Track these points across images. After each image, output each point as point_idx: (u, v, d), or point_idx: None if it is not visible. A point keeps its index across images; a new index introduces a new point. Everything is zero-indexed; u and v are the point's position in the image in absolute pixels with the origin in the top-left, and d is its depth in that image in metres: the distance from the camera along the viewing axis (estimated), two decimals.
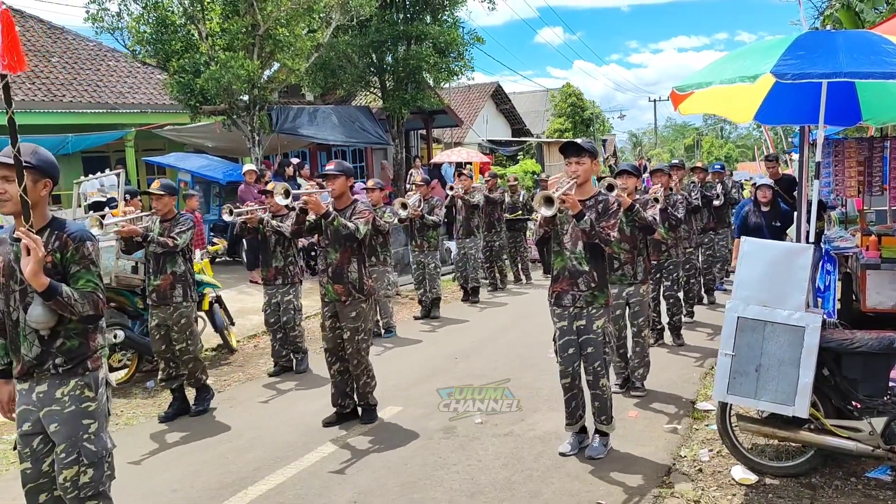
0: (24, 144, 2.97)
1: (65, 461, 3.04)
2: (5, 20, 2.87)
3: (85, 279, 3.04)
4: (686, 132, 73.25)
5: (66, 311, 2.97)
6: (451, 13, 18.70)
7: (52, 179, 3.11)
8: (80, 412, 3.09)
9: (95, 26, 13.07)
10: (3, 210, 3.03)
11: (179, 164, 14.81)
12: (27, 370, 3.09)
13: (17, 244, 2.99)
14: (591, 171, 4.73)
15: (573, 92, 34.39)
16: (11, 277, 3.08)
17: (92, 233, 3.21)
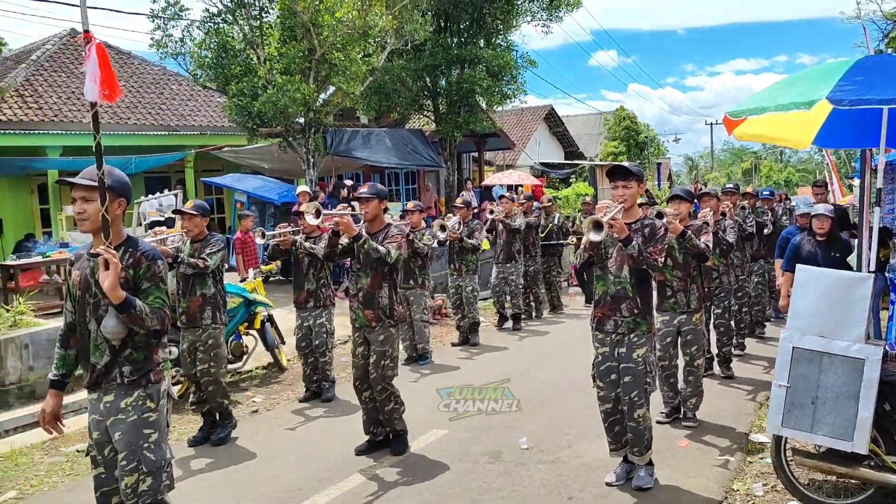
0: (113, 168, 3.17)
1: (126, 468, 3.18)
2: (100, 53, 3.03)
3: (154, 295, 3.20)
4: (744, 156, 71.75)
5: (136, 325, 3.12)
6: (504, 37, 18.86)
7: (125, 199, 3.29)
8: (142, 422, 3.23)
9: (160, 52, 13.62)
10: (81, 228, 3.24)
11: (236, 184, 15.17)
12: (96, 380, 3.24)
13: (93, 259, 3.17)
14: (637, 196, 4.67)
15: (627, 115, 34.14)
16: (87, 291, 3.24)
17: (161, 253, 3.34)
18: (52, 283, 11.45)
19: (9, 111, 14.50)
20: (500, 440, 5.78)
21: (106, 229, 3.11)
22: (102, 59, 3.04)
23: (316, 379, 7.22)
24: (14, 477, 5.36)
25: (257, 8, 13.47)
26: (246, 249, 10.36)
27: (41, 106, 15.14)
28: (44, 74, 16.25)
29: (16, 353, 7.18)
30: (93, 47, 3.02)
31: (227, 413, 6.05)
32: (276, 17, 13.38)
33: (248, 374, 8.18)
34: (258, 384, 7.91)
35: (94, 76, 3.02)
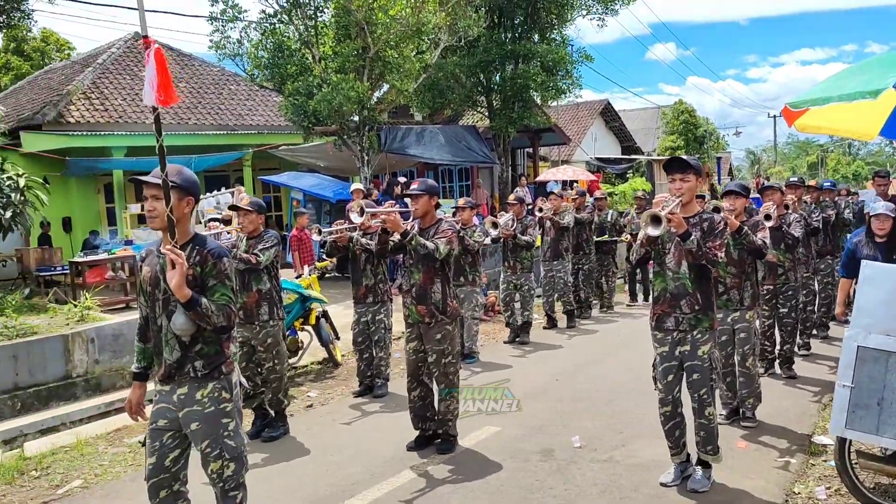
0: (171, 165, 3.26)
1: (210, 455, 3.33)
2: (158, 58, 3.11)
3: (220, 293, 3.28)
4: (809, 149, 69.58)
5: (203, 322, 3.21)
6: (559, 31, 18.67)
7: (194, 197, 3.39)
8: (220, 412, 3.34)
9: (218, 53, 13.90)
10: (151, 225, 3.33)
11: (292, 182, 15.41)
12: (168, 373, 3.34)
13: (162, 256, 3.26)
14: (696, 189, 4.56)
15: (686, 109, 33.44)
16: (157, 287, 3.34)
17: (227, 250, 3.42)
18: (118, 279, 11.83)
19: (76, 113, 15.01)
20: (553, 438, 5.73)
21: (172, 229, 3.20)
22: (160, 64, 3.12)
23: (370, 374, 7.26)
24: (79, 466, 5.54)
25: (312, 8, 13.64)
26: (302, 246, 10.51)
27: (107, 108, 15.63)
28: (109, 77, 16.77)
29: (83, 346, 7.45)
30: (151, 52, 3.09)
31: (282, 414, 6.11)
32: (331, 17, 13.53)
33: (302, 369, 8.30)
34: (312, 379, 8.02)
35: (151, 81, 3.10)
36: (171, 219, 3.20)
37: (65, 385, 7.27)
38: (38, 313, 8.84)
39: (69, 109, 14.99)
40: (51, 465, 5.56)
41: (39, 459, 5.66)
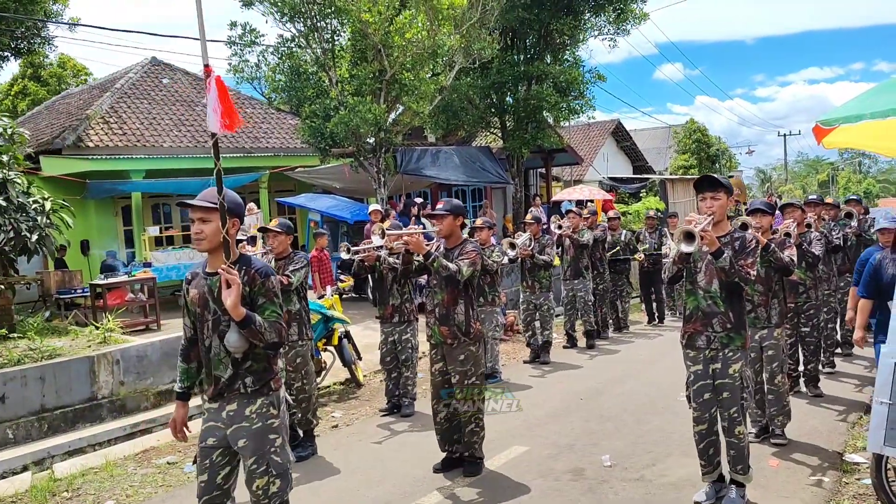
0: (213, 189, 3.31)
1: (256, 471, 3.34)
2: (219, 86, 3.19)
3: (270, 310, 3.33)
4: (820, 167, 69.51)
5: (256, 339, 3.25)
6: (572, 52, 18.78)
7: (239, 219, 3.45)
8: (267, 428, 3.37)
9: (236, 76, 14.06)
10: (199, 247, 3.40)
11: (309, 204, 15.49)
12: (220, 391, 3.39)
13: (210, 278, 3.34)
14: (726, 207, 4.57)
15: (698, 128, 33.51)
16: (206, 308, 3.39)
17: (273, 268, 3.47)
18: (137, 301, 11.90)
19: (95, 137, 15.18)
20: (583, 457, 5.71)
21: (227, 249, 3.27)
22: (222, 91, 3.19)
23: (398, 394, 7.27)
24: (111, 487, 5.56)
25: (329, 31, 13.80)
26: (322, 267, 10.57)
27: (125, 132, 15.80)
28: (127, 101, 16.97)
29: (107, 368, 7.48)
30: (212, 80, 3.16)
31: (310, 434, 6.14)
32: (348, 40, 13.68)
33: (325, 389, 8.31)
34: (336, 399, 8.02)
35: (214, 107, 3.17)
36: (227, 239, 3.26)
37: (90, 407, 7.29)
38: (59, 335, 8.88)
39: (88, 134, 15.16)
40: (81, 487, 5.58)
41: (70, 481, 5.68)
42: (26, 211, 7.74)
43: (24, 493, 5.51)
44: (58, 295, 12.36)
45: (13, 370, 6.92)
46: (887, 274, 5.34)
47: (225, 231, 3.25)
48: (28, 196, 8.28)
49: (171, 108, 17.27)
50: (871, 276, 5.44)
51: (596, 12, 18.37)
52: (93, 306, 11.41)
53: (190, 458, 6.04)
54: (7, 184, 7.38)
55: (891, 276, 5.31)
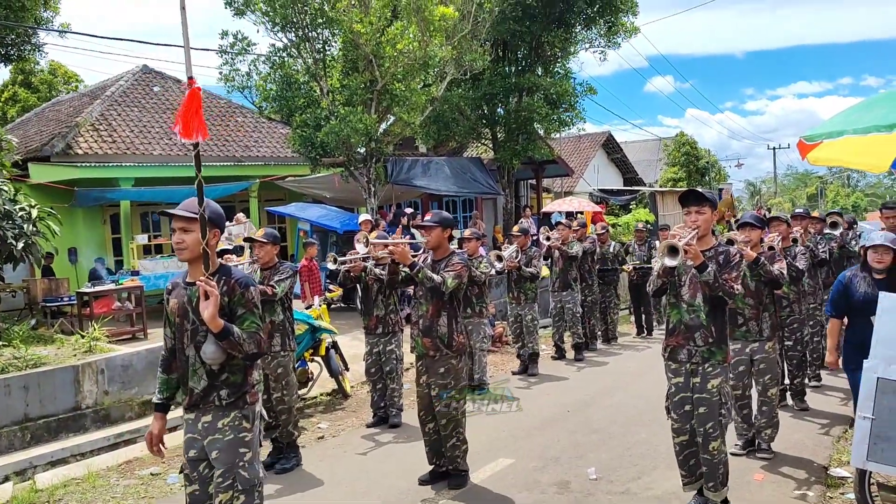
0: (194, 199, 3.30)
1: (221, 485, 3.30)
2: (191, 96, 3.22)
3: (249, 321, 3.31)
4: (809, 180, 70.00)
5: (235, 350, 3.24)
6: (562, 64, 18.87)
7: (220, 229, 3.44)
8: (238, 441, 3.34)
9: (227, 85, 14.03)
10: (180, 257, 3.39)
11: (299, 213, 15.46)
12: (195, 402, 3.37)
13: (189, 288, 3.32)
14: (711, 222, 4.58)
15: (688, 141, 33.69)
16: (185, 318, 3.37)
17: (254, 279, 3.45)
18: (124, 309, 11.83)
19: (84, 145, 15.12)
20: (569, 470, 5.70)
21: (206, 261, 3.26)
22: (190, 101, 3.20)
23: (383, 405, 7.24)
24: (92, 499, 5.50)
25: (321, 42, 13.81)
26: (311, 277, 10.54)
27: (115, 140, 15.75)
28: (117, 109, 16.93)
29: (92, 377, 7.42)
30: (187, 90, 3.18)
31: (294, 445, 6.08)
32: (339, 50, 13.69)
33: (312, 400, 8.26)
34: (323, 410, 7.98)
35: (180, 114, 3.18)
36: (207, 250, 3.25)
37: (74, 416, 7.22)
38: (45, 344, 8.81)
39: (77, 141, 15.11)
40: (63, 498, 5.53)
41: (52, 491, 5.62)
42: (12, 218, 7.69)
43: None
44: (44, 303, 12.27)
45: None
46: (858, 291, 5.25)
47: (205, 242, 3.24)
48: (14, 203, 8.24)
49: (162, 117, 17.23)
50: (841, 293, 5.35)
51: (587, 25, 18.48)
52: (79, 315, 11.33)
53: (173, 469, 5.99)
54: None
55: (862, 293, 5.21)
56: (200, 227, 3.24)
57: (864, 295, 5.16)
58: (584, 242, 10.83)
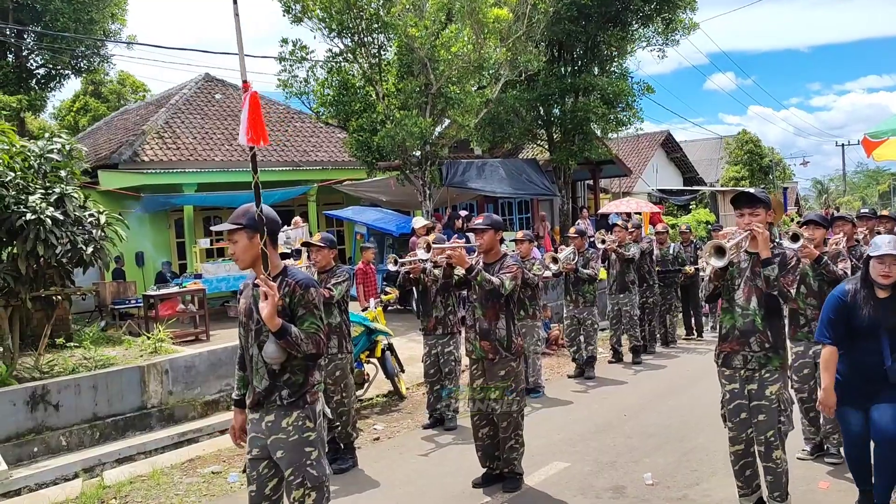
0: (244, 206, 3.43)
1: (293, 483, 3.40)
2: (253, 101, 3.29)
3: (309, 321, 3.38)
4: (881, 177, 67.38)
5: (294, 350, 3.31)
6: (619, 64, 18.65)
7: (273, 233, 3.51)
8: (303, 441, 3.43)
9: (286, 91, 14.30)
10: (239, 266, 3.53)
11: (356, 217, 15.66)
12: (257, 401, 3.47)
13: (256, 289, 3.41)
14: (766, 222, 4.45)
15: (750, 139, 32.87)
16: (250, 318, 3.49)
17: (315, 280, 3.53)
18: (188, 312, 12.17)
19: (150, 152, 15.63)
20: (624, 475, 5.62)
21: (264, 262, 3.35)
22: (253, 107, 3.27)
23: (440, 407, 7.28)
24: (157, 495, 5.68)
25: (376, 46, 13.94)
26: (367, 280, 10.65)
27: (178, 147, 16.24)
28: (181, 117, 17.44)
29: (157, 378, 7.66)
30: (248, 96, 3.25)
31: (351, 447, 6.18)
32: (394, 55, 13.81)
33: (368, 401, 8.36)
34: (378, 412, 8.06)
35: (244, 122, 3.25)
36: (265, 251, 3.34)
37: (140, 415, 7.48)
38: (113, 345, 9.14)
39: (143, 149, 15.62)
40: (129, 494, 5.72)
41: (118, 488, 5.82)
42: (82, 224, 7.98)
43: (74, 500, 5.67)
44: (113, 305, 12.72)
45: (68, 378, 7.15)
46: (860, 315, 4.32)
47: (263, 244, 3.32)
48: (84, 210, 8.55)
49: (223, 123, 17.68)
50: (841, 313, 4.38)
51: (644, 23, 18.22)
52: (146, 317, 11.71)
53: (234, 468, 6.14)
54: (65, 198, 7.62)
55: (867, 315, 4.29)
56: (255, 230, 3.34)
57: (869, 318, 4.29)
58: (641, 244, 10.68)
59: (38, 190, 7.51)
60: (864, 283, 4.35)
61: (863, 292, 4.33)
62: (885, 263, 4.23)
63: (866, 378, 4.29)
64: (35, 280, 7.71)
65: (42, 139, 8.40)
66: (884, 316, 4.25)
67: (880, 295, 4.28)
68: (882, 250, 4.21)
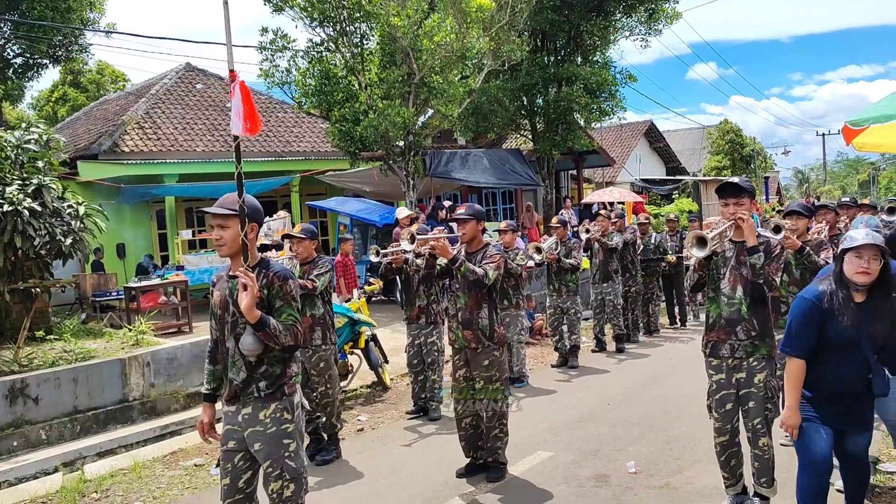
0: (232, 194, 3.37)
1: (271, 475, 3.38)
2: (243, 91, 3.24)
3: (287, 313, 3.37)
4: (860, 167, 68.07)
5: (272, 342, 3.29)
6: (602, 53, 18.65)
7: (258, 223, 3.49)
8: (281, 433, 3.41)
9: (267, 81, 14.18)
10: (220, 253, 3.47)
11: (339, 207, 15.59)
12: (234, 394, 3.44)
13: (231, 281, 3.38)
14: (751, 211, 4.46)
15: (732, 128, 33.06)
16: (226, 310, 3.45)
17: (293, 272, 3.49)
18: (170, 304, 12.08)
19: (130, 142, 15.46)
20: (608, 464, 5.65)
21: (245, 253, 3.31)
22: (245, 96, 3.23)
23: (424, 396, 7.28)
24: (138, 489, 5.64)
25: (358, 36, 13.87)
26: (346, 272, 10.61)
27: (159, 137, 16.07)
28: (161, 107, 17.26)
29: (139, 370, 7.60)
30: (237, 86, 3.21)
31: (335, 438, 6.16)
32: (377, 44, 13.72)
33: (352, 392, 8.34)
34: (363, 403, 8.04)
35: (238, 112, 3.21)
36: (246, 243, 3.30)
37: (121, 408, 7.42)
38: (94, 337, 9.06)
39: (124, 139, 15.45)
40: (110, 488, 5.67)
41: (99, 482, 5.77)
42: (61, 215, 7.88)
43: (54, 494, 5.62)
44: (93, 297, 12.60)
45: (47, 372, 7.08)
46: (841, 321, 3.59)
47: (244, 235, 3.28)
48: (63, 201, 8.45)
49: (205, 113, 17.52)
50: (813, 321, 3.66)
51: (627, 13, 18.25)
52: (127, 309, 11.61)
53: (216, 460, 6.10)
54: (42, 189, 7.53)
55: (846, 328, 3.58)
56: (240, 220, 3.29)
57: (849, 324, 3.57)
58: (624, 234, 10.71)
59: (15, 181, 7.41)
60: (840, 283, 3.63)
61: (840, 294, 3.61)
62: (863, 258, 3.55)
63: (841, 393, 3.71)
64: (13, 272, 7.62)
65: (19, 129, 8.28)
66: (867, 321, 3.60)
67: (857, 298, 3.65)
68: (859, 241, 3.55)
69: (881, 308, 3.63)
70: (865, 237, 3.55)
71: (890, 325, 3.63)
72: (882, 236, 3.74)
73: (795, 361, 3.72)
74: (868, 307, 3.63)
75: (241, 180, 3.31)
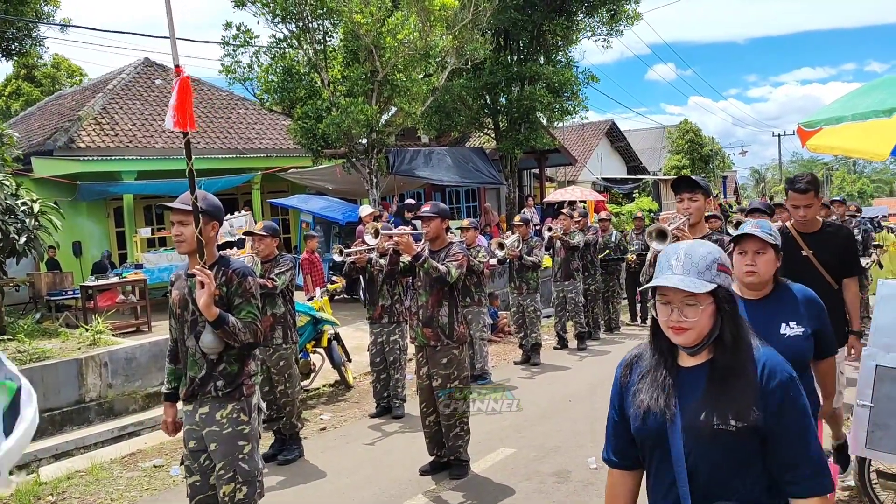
0: (197, 192, 3.32)
1: (223, 477, 3.36)
2: (182, 86, 3.21)
3: (246, 310, 3.36)
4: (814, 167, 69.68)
5: (231, 339, 3.28)
6: (564, 53, 18.80)
7: (218, 221, 3.47)
8: (237, 434, 3.39)
9: (228, 77, 14.02)
10: (179, 249, 3.44)
11: (302, 205, 15.47)
12: (192, 392, 3.42)
13: (190, 279, 3.34)
14: (704, 210, 4.54)
15: (691, 128, 33.57)
16: (185, 309, 3.43)
17: (252, 269, 3.49)
18: (128, 303, 11.87)
19: (87, 138, 15.15)
20: (569, 460, 5.71)
21: (201, 251, 3.28)
22: (182, 91, 3.20)
23: (387, 395, 7.27)
24: (95, 491, 5.54)
25: (321, 32, 13.77)
26: (313, 269, 10.55)
27: (117, 133, 15.77)
28: (119, 102, 16.94)
29: (96, 370, 7.46)
30: (178, 80, 3.17)
31: (296, 437, 6.12)
32: (340, 41, 13.65)
33: (315, 391, 8.30)
34: (325, 401, 8.01)
35: (172, 105, 3.17)
36: (201, 240, 3.27)
37: (78, 409, 7.28)
38: (49, 338, 8.87)
39: (80, 135, 15.14)
40: (67, 490, 5.56)
41: (55, 484, 5.65)
42: (14, 213, 7.72)
43: (9, 497, 5.49)
44: (49, 296, 12.33)
45: None
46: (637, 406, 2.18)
47: (198, 232, 3.25)
48: (17, 198, 8.26)
49: (164, 109, 17.18)
50: (612, 403, 2.35)
51: (589, 13, 18.40)
52: (84, 308, 11.38)
53: (176, 461, 6.02)
54: None
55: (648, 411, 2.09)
56: (194, 218, 3.25)
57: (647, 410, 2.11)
58: (587, 233, 10.81)
59: None
60: (656, 335, 2.13)
61: (654, 359, 2.15)
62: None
63: None
64: None
65: None
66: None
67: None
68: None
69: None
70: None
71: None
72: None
73: (617, 475, 2.33)
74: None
75: (192, 177, 3.29)
